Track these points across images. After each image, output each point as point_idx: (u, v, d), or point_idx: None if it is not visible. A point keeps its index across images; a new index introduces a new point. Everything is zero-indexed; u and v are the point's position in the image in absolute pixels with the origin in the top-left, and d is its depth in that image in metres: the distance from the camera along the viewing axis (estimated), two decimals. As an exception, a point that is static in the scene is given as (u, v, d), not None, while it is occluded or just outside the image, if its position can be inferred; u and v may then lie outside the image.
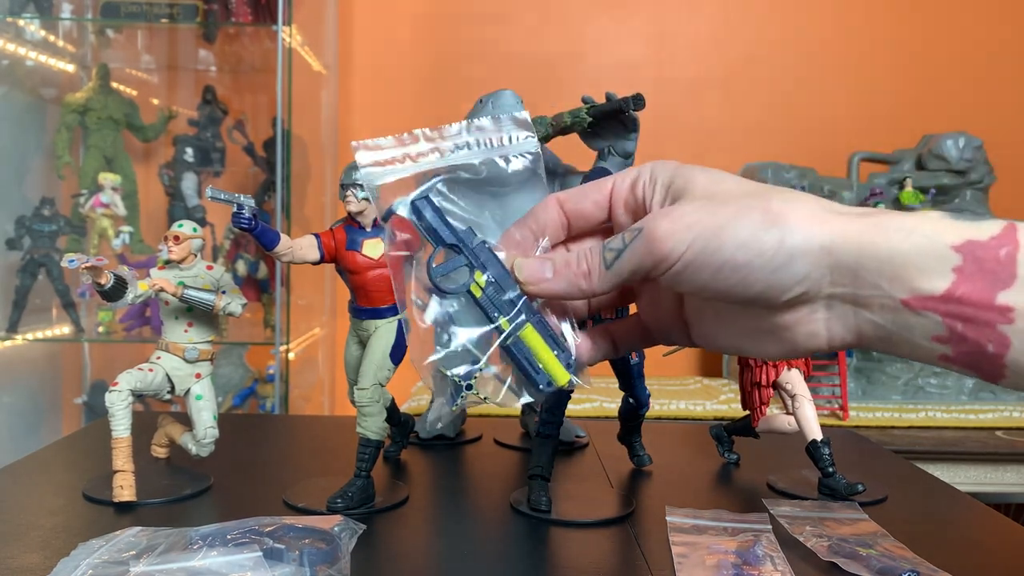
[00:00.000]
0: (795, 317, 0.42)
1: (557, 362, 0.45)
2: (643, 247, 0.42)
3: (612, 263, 0.43)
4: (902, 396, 1.87)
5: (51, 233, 1.80)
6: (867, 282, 0.39)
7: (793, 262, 0.39)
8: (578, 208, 0.47)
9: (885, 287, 0.39)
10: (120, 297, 0.80)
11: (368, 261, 0.82)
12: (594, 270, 0.44)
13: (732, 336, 0.45)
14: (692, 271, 0.41)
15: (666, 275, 0.42)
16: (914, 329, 0.39)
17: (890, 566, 0.65)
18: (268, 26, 1.92)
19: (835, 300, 0.41)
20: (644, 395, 0.93)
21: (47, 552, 0.66)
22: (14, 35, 1.94)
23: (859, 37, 2.26)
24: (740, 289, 0.41)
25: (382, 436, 0.82)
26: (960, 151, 1.93)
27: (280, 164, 1.81)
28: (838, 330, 0.42)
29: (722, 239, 0.40)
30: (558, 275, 0.45)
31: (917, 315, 0.39)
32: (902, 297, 0.39)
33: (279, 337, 1.81)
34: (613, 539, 0.74)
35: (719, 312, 0.45)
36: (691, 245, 0.40)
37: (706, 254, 0.40)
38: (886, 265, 0.39)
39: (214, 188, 0.75)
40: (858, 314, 0.41)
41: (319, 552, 0.63)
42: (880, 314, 0.40)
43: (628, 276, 0.43)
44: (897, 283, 0.39)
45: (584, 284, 0.44)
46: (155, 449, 0.94)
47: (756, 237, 0.40)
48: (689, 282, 0.41)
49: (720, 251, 0.40)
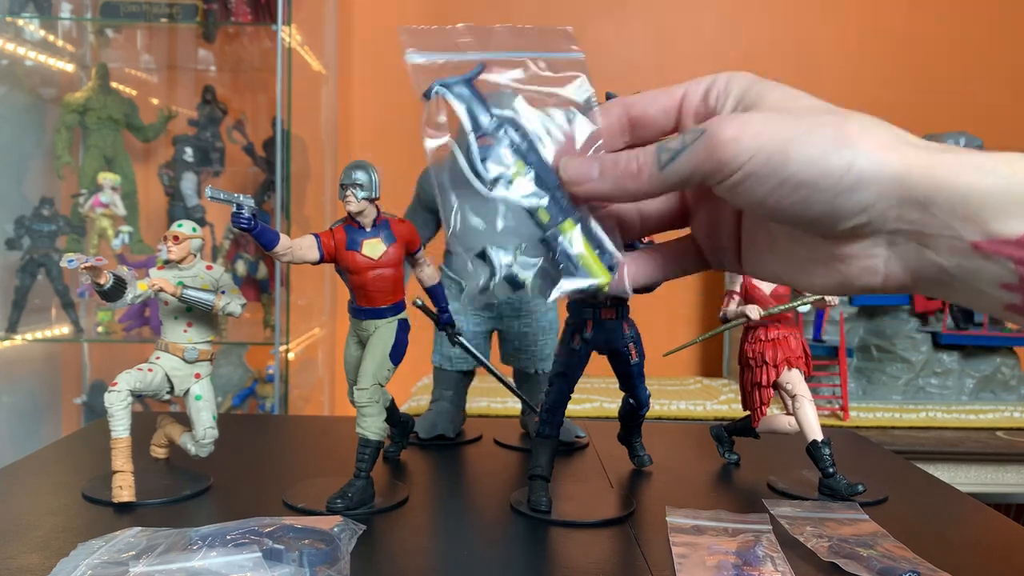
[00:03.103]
0: (853, 250, 0.39)
1: (598, 260, 0.42)
2: (704, 150, 0.38)
3: (667, 164, 0.39)
4: (902, 396, 1.87)
5: (51, 233, 1.80)
6: (937, 220, 0.37)
7: (860, 188, 0.37)
8: (645, 113, 0.43)
9: (957, 227, 0.36)
10: (119, 297, 0.80)
11: (368, 261, 0.82)
12: (645, 169, 0.40)
13: (784, 263, 0.42)
14: (752, 183, 0.38)
15: (724, 184, 0.38)
16: (981, 275, 0.36)
17: (890, 566, 0.65)
18: (268, 26, 1.92)
19: (899, 236, 0.38)
20: (644, 395, 0.93)
21: (47, 552, 0.66)
22: (14, 35, 1.94)
23: (858, 37, 2.26)
24: (799, 209, 0.38)
25: (382, 436, 0.82)
26: (960, 151, 1.93)
27: (280, 164, 1.81)
28: (896, 269, 0.39)
29: (788, 153, 0.37)
30: (604, 174, 0.41)
31: (987, 259, 0.36)
32: (973, 239, 0.36)
33: (279, 337, 1.81)
34: (613, 539, 0.74)
35: (774, 236, 0.42)
36: (756, 154, 0.37)
37: (770, 166, 0.37)
38: (960, 204, 0.36)
39: (213, 188, 0.75)
40: (921, 254, 0.38)
41: (319, 552, 0.63)
42: (946, 256, 0.37)
43: (683, 180, 0.39)
44: (970, 224, 0.36)
45: (632, 184, 0.40)
46: (155, 449, 0.94)
47: (825, 156, 0.37)
48: (747, 195, 0.38)
49: (785, 165, 0.37)
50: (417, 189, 1.16)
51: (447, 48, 0.44)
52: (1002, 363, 1.90)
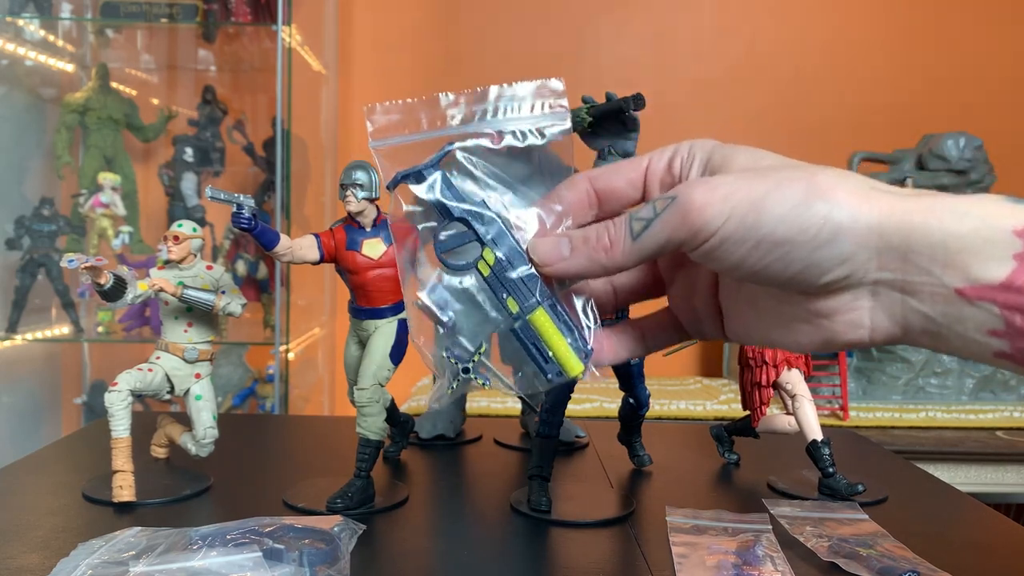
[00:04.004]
0: (836, 304, 0.38)
1: (570, 351, 0.41)
2: (677, 217, 0.38)
3: (640, 234, 0.39)
4: (902, 396, 1.87)
5: (51, 233, 1.80)
6: (918, 267, 0.36)
7: (837, 240, 0.36)
8: (610, 185, 0.43)
9: (938, 274, 0.36)
10: (119, 297, 0.80)
11: (368, 261, 0.82)
12: (617, 242, 0.39)
13: (767, 326, 0.42)
14: (729, 246, 0.37)
15: (700, 250, 0.38)
16: (968, 322, 0.36)
17: (890, 566, 0.65)
18: (268, 26, 1.92)
19: (881, 287, 0.37)
20: (644, 395, 0.93)
21: (47, 552, 0.66)
22: (14, 35, 1.94)
23: (859, 37, 2.26)
24: (779, 267, 0.37)
25: (382, 436, 0.82)
26: (960, 151, 1.93)
27: (280, 164, 1.81)
28: (882, 321, 0.38)
29: (761, 211, 0.37)
30: (576, 251, 0.40)
31: (972, 306, 0.35)
32: (956, 286, 0.35)
33: (279, 337, 1.81)
34: (613, 539, 0.74)
35: (754, 298, 0.42)
36: (730, 217, 0.37)
37: (744, 227, 0.37)
38: (939, 249, 0.35)
39: (214, 188, 0.75)
40: (906, 304, 0.37)
41: (319, 552, 0.63)
42: (931, 304, 0.36)
43: (658, 248, 0.39)
44: (951, 270, 0.35)
45: (605, 258, 0.40)
46: (155, 449, 0.94)
47: (798, 211, 0.36)
48: (725, 259, 0.38)
49: (759, 225, 0.37)
50: (417, 189, 1.16)
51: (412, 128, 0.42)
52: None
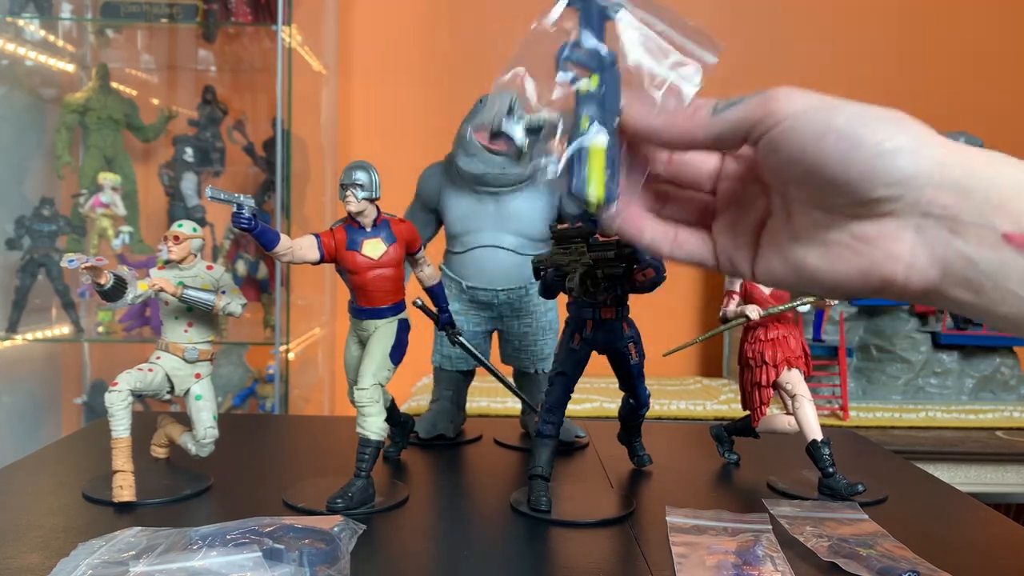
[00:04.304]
0: (880, 230, 0.39)
1: (601, 182, 0.44)
2: (758, 102, 0.40)
3: (721, 111, 0.41)
4: (902, 396, 1.87)
5: (51, 233, 1.80)
6: (970, 205, 0.36)
7: (900, 155, 0.37)
8: None
9: (989, 215, 0.36)
10: (120, 297, 0.80)
11: (368, 261, 0.82)
12: (699, 113, 0.42)
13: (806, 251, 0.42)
14: (798, 131, 0.38)
15: (770, 134, 0.39)
16: (1011, 272, 0.36)
17: (890, 566, 0.65)
18: (268, 26, 1.92)
19: (929, 220, 0.37)
20: (644, 395, 0.93)
21: (47, 552, 0.66)
22: (14, 35, 1.94)
23: (859, 37, 2.26)
24: (838, 165, 0.38)
25: (382, 436, 0.82)
26: (960, 151, 1.93)
27: (280, 164, 1.81)
28: (922, 258, 0.38)
29: (835, 111, 0.38)
30: (662, 111, 0.43)
31: (1017, 254, 0.35)
32: (1005, 229, 0.36)
33: (279, 337, 1.81)
34: (613, 539, 0.74)
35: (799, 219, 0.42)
36: (805, 108, 0.39)
37: (817, 118, 0.38)
38: (994, 192, 0.36)
39: (214, 188, 0.75)
40: (951, 244, 0.37)
41: (319, 552, 0.63)
42: (976, 247, 0.36)
43: (733, 124, 0.41)
44: (1003, 212, 0.36)
45: (683, 123, 0.42)
46: (155, 449, 0.94)
47: (870, 122, 0.38)
48: (790, 146, 0.39)
49: (831, 119, 0.38)
50: (417, 189, 1.16)
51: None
52: (1002, 363, 1.90)
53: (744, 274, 0.46)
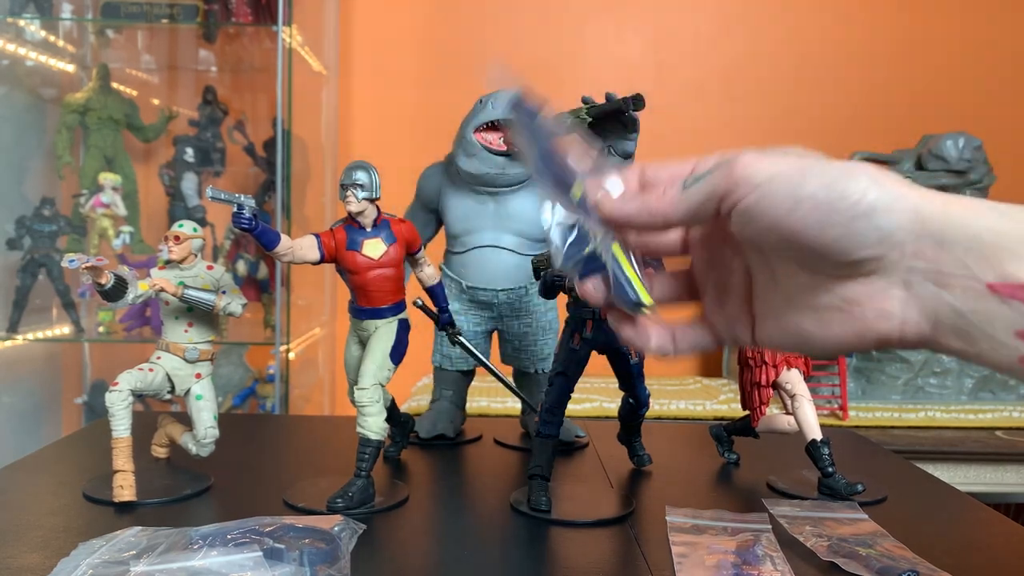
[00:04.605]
0: (869, 290, 0.39)
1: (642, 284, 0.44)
2: (725, 174, 0.39)
3: (690, 187, 0.41)
4: (902, 396, 1.87)
5: (51, 233, 1.80)
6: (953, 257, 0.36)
7: (877, 214, 0.37)
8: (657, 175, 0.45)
9: (972, 266, 0.36)
10: (120, 297, 0.81)
11: (368, 261, 0.82)
12: (669, 191, 0.42)
13: (800, 318, 0.42)
14: (770, 202, 0.38)
15: (742, 203, 0.39)
16: (996, 321, 0.36)
17: (890, 566, 0.65)
18: (268, 26, 1.92)
19: (915, 275, 0.38)
20: (644, 395, 0.93)
21: (47, 552, 0.66)
22: (14, 35, 1.94)
23: (859, 37, 2.26)
24: (814, 232, 0.37)
25: (382, 436, 0.82)
26: (960, 151, 1.93)
27: (280, 164, 1.81)
28: (913, 314, 0.38)
29: (805, 175, 0.38)
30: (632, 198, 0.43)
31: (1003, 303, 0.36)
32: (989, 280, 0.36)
33: (279, 337, 1.81)
34: (613, 539, 0.74)
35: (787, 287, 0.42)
36: (774, 176, 0.38)
37: (788, 185, 0.38)
38: (975, 242, 0.36)
39: (214, 188, 0.75)
40: (938, 296, 0.37)
41: (319, 552, 0.63)
42: (962, 298, 0.37)
43: (703, 199, 0.40)
44: (985, 264, 0.36)
45: (654, 205, 0.42)
46: (155, 449, 0.94)
47: (841, 181, 0.37)
48: (763, 216, 0.38)
49: (802, 186, 0.37)
50: (417, 189, 1.16)
51: None
52: (1002, 363, 1.90)
53: (748, 344, 0.46)
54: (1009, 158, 2.07)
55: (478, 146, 1.04)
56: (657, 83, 2.26)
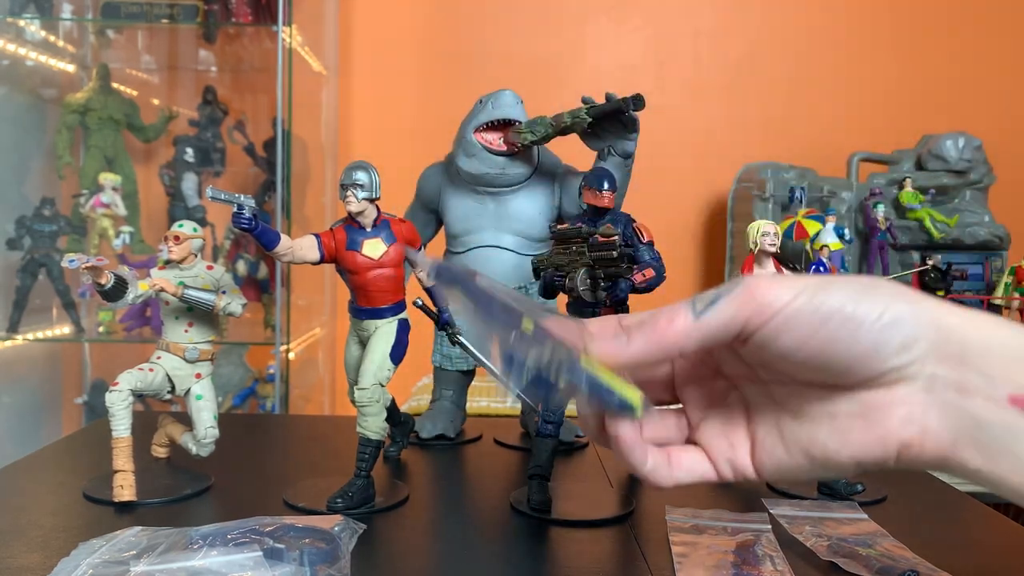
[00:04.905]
0: (891, 396, 0.38)
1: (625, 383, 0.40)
2: (744, 294, 0.37)
3: (703, 312, 0.38)
4: (902, 396, 1.86)
5: (51, 233, 1.80)
6: (974, 366, 0.36)
7: (901, 325, 0.37)
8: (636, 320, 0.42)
9: (994, 377, 0.36)
10: (120, 297, 0.81)
11: (368, 261, 0.82)
12: (679, 319, 0.38)
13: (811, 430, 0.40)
14: (797, 323, 0.37)
15: (766, 327, 0.37)
16: (1020, 436, 0.36)
17: (889, 566, 0.65)
18: (268, 26, 1.92)
19: (937, 382, 0.37)
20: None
21: (47, 552, 0.66)
22: (14, 35, 1.94)
23: (859, 37, 2.26)
24: (843, 347, 0.37)
25: (382, 436, 0.82)
26: (960, 151, 1.93)
27: (280, 164, 1.81)
28: (934, 422, 0.37)
29: (829, 291, 0.37)
30: (634, 336, 0.39)
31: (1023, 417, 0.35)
32: (1009, 392, 0.36)
33: (279, 337, 1.81)
34: (613, 539, 0.74)
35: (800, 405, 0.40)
36: (799, 294, 0.37)
37: (813, 303, 0.37)
38: (995, 353, 0.36)
39: (214, 188, 0.75)
40: (960, 405, 0.37)
41: (319, 552, 0.63)
42: (984, 409, 0.36)
43: (720, 327, 0.38)
44: (1005, 376, 0.36)
45: (665, 337, 0.38)
46: (155, 449, 0.94)
47: (863, 295, 0.37)
48: (789, 336, 0.37)
49: (828, 301, 0.37)
50: (417, 189, 1.16)
51: None
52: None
53: (750, 475, 0.43)
54: (1009, 158, 2.07)
55: (478, 146, 1.04)
56: (657, 83, 2.26)
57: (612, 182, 0.87)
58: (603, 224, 0.84)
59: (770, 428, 0.42)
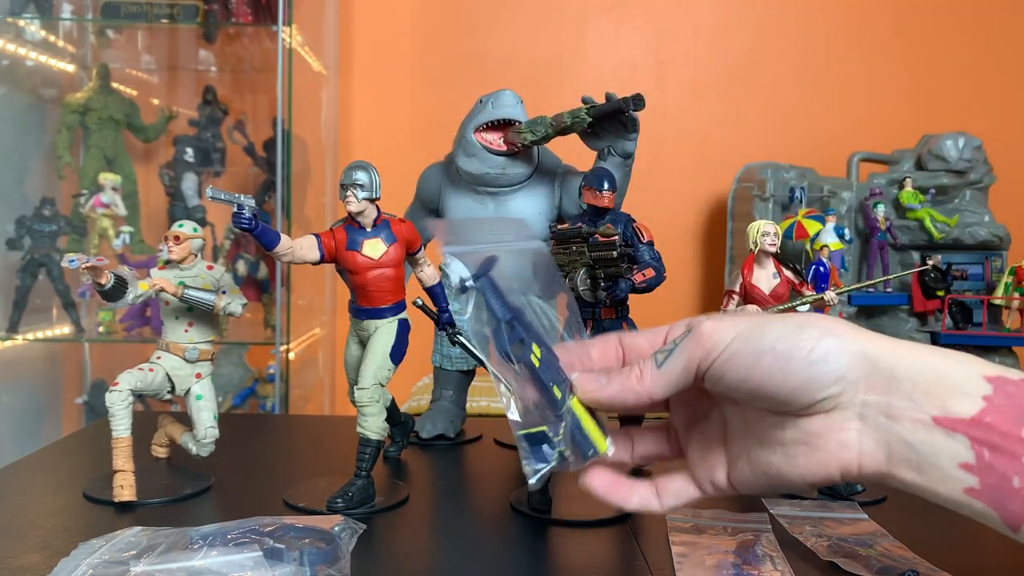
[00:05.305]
0: (828, 424, 0.42)
1: (599, 432, 0.48)
2: (692, 342, 0.44)
3: (663, 363, 0.45)
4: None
5: (51, 233, 1.80)
6: (901, 392, 0.40)
7: (831, 358, 0.41)
8: (635, 343, 0.50)
9: (919, 400, 0.40)
10: (120, 297, 0.81)
11: (368, 261, 0.82)
12: (645, 371, 0.46)
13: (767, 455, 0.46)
14: (738, 360, 0.42)
15: (712, 367, 0.43)
16: (942, 453, 0.40)
17: (889, 566, 0.65)
18: (268, 26, 1.92)
19: (868, 409, 0.41)
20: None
21: (47, 552, 0.66)
22: (14, 35, 1.94)
23: (859, 37, 2.26)
24: (778, 380, 0.42)
25: (382, 436, 0.82)
26: (960, 151, 1.93)
27: (280, 164, 1.81)
28: (869, 444, 0.42)
29: (763, 332, 0.42)
30: (612, 381, 0.47)
31: (947, 436, 0.40)
32: (934, 414, 0.40)
33: (279, 337, 1.81)
34: (613, 539, 0.74)
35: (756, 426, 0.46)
36: (736, 336, 0.43)
37: (749, 344, 0.42)
38: (920, 379, 0.40)
39: (214, 188, 0.75)
40: (890, 429, 0.41)
41: (319, 552, 0.63)
42: (911, 431, 0.40)
43: (679, 373, 0.45)
44: (929, 399, 0.40)
45: (635, 385, 0.46)
46: (155, 449, 0.94)
47: (795, 333, 0.42)
48: (734, 373, 0.43)
49: (761, 341, 0.42)
50: (417, 189, 1.16)
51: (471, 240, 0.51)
52: (1001, 363, 1.89)
53: (725, 491, 0.49)
54: (1009, 158, 2.07)
55: (478, 146, 1.04)
56: (657, 83, 2.26)
57: (612, 182, 0.87)
58: (603, 224, 0.84)
59: (741, 451, 0.48)
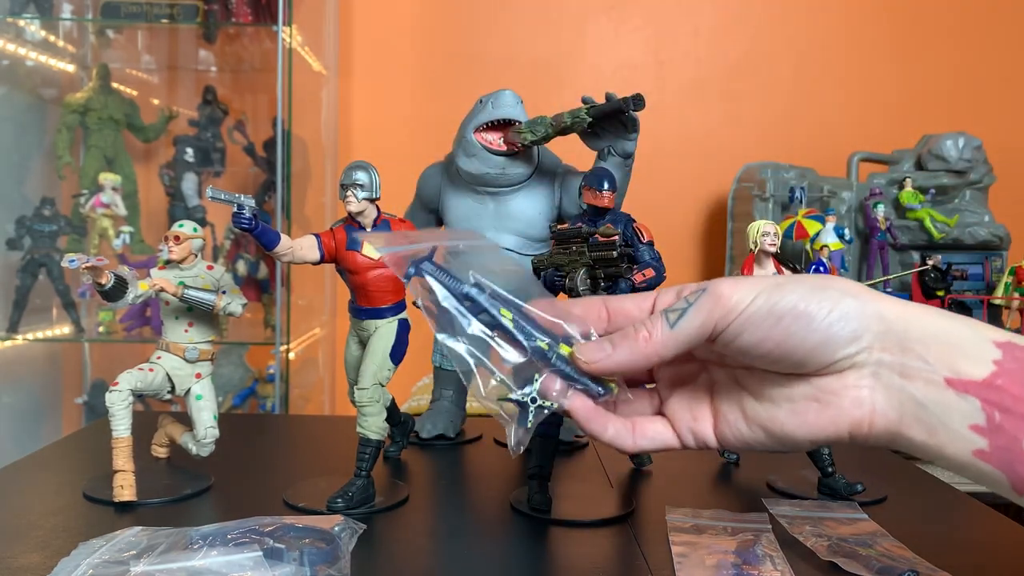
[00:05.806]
0: (843, 382, 0.43)
1: None
2: (710, 301, 0.42)
3: (676, 322, 0.43)
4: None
5: (51, 233, 1.80)
6: (914, 353, 0.41)
7: (848, 319, 0.41)
8: (621, 306, 0.48)
9: (931, 362, 0.41)
10: (120, 297, 0.81)
11: (368, 261, 0.82)
12: (656, 332, 0.43)
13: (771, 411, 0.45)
14: (756, 321, 0.42)
15: (731, 328, 0.42)
16: (954, 413, 0.40)
17: (890, 566, 0.65)
18: (268, 26, 1.92)
19: (883, 367, 0.42)
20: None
21: (47, 552, 0.66)
22: (14, 35, 1.94)
23: (859, 37, 2.26)
24: (797, 340, 0.41)
25: (382, 436, 0.82)
26: (960, 151, 1.93)
27: (280, 164, 1.81)
28: (882, 402, 0.42)
29: (783, 292, 0.42)
30: (618, 346, 0.44)
31: (959, 397, 0.40)
32: (946, 375, 0.40)
33: (279, 337, 1.81)
34: (613, 539, 0.74)
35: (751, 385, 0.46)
36: (756, 297, 0.42)
37: (769, 303, 0.42)
38: (932, 340, 0.41)
39: (214, 188, 0.75)
40: (903, 388, 0.41)
41: (319, 552, 0.63)
42: (924, 390, 0.41)
43: (694, 333, 0.43)
44: (941, 361, 0.40)
45: (646, 348, 0.43)
46: (155, 449, 0.94)
47: (815, 293, 0.42)
48: (750, 334, 0.42)
49: (782, 301, 0.41)
50: (417, 189, 1.16)
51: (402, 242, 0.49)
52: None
53: (711, 444, 0.48)
54: (1009, 158, 2.07)
55: (478, 146, 1.04)
56: (657, 83, 2.26)
57: (612, 182, 0.87)
58: (603, 224, 0.84)
59: (732, 405, 0.47)
